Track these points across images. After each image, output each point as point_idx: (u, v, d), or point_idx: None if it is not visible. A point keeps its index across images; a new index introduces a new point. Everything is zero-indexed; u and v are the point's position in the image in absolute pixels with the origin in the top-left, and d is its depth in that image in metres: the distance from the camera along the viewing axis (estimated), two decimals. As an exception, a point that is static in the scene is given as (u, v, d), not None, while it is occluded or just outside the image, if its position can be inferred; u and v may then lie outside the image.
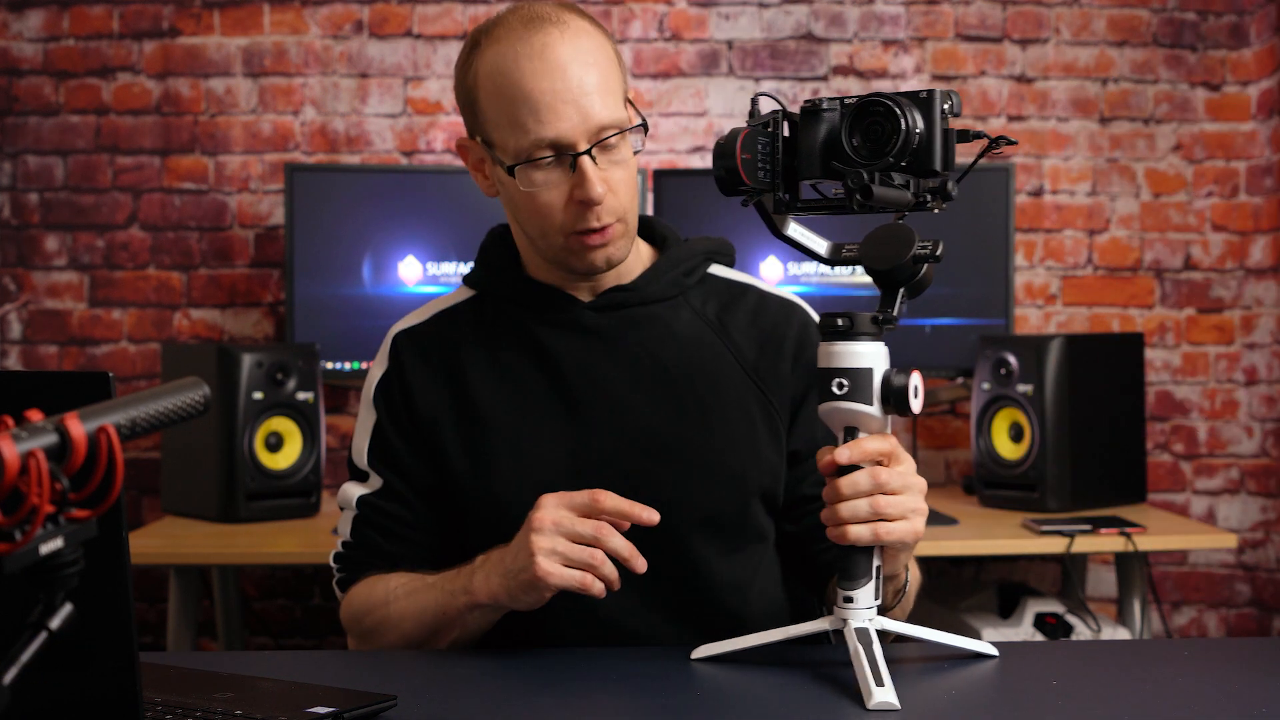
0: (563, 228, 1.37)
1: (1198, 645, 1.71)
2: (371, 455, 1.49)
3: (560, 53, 1.33)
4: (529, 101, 1.33)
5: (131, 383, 3.04)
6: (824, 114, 1.21)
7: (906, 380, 1.18)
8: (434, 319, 1.51)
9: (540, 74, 1.33)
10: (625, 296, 1.46)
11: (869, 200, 1.15)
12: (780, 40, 3.10)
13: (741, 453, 1.42)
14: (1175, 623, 3.15)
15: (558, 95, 1.32)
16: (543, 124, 1.33)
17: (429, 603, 1.36)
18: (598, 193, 1.34)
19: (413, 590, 1.39)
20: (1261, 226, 3.10)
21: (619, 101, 1.37)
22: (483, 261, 1.53)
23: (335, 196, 2.80)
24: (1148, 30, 3.13)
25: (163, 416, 0.82)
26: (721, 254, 1.55)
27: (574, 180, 1.34)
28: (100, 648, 0.93)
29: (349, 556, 1.50)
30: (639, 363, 1.43)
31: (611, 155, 1.36)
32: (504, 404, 1.43)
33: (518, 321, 1.46)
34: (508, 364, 1.45)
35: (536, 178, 1.36)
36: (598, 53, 1.36)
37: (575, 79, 1.33)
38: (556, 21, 1.36)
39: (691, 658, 1.26)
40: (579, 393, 1.42)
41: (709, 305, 1.49)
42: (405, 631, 1.39)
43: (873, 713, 1.09)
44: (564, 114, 1.32)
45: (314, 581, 3.06)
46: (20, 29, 3.03)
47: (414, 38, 3.06)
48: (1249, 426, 3.13)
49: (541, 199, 1.36)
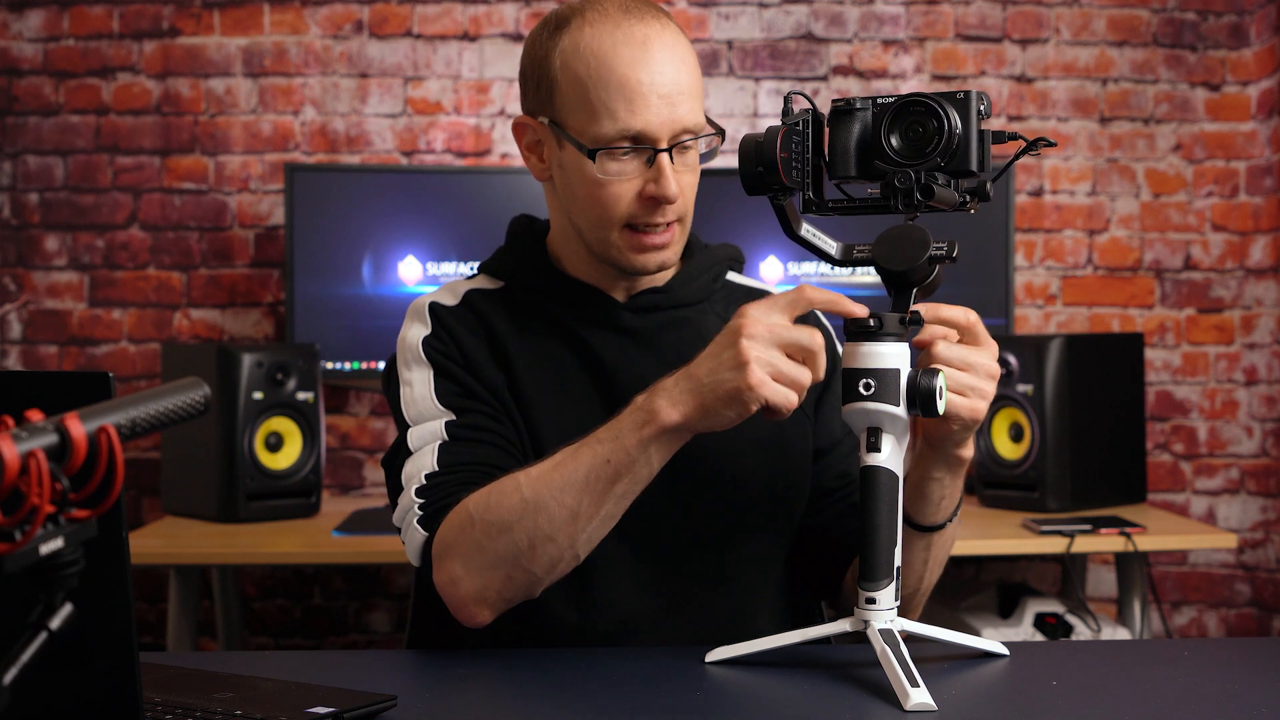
0: (624, 219, 1.37)
1: (1198, 645, 1.71)
2: (441, 397, 1.39)
3: (660, 47, 1.34)
4: (624, 89, 1.33)
5: (131, 383, 3.04)
6: (856, 113, 1.21)
7: (934, 382, 1.18)
8: (466, 299, 1.47)
9: (640, 64, 1.33)
10: (660, 299, 1.46)
11: (929, 199, 1.15)
12: (780, 40, 3.10)
13: (769, 454, 1.43)
14: (1175, 623, 3.15)
15: (654, 89, 1.33)
16: (634, 114, 1.33)
17: (583, 465, 1.23)
18: (673, 190, 1.34)
19: (552, 466, 1.25)
20: (1261, 226, 3.10)
21: (701, 108, 1.38)
22: (512, 251, 1.51)
23: (335, 196, 2.80)
24: (1148, 30, 3.13)
25: (163, 416, 0.82)
26: (737, 261, 1.57)
27: (650, 175, 1.35)
28: (100, 648, 0.93)
29: (438, 484, 1.33)
30: (672, 364, 1.43)
31: (685, 158, 1.38)
32: (548, 384, 1.42)
33: (553, 315, 1.45)
34: (548, 351, 1.43)
35: (612, 166, 1.35)
36: (690, 57, 1.38)
37: (671, 76, 1.33)
38: (656, 17, 1.36)
39: (706, 660, 1.25)
40: (617, 387, 1.41)
41: (731, 310, 1.50)
42: (553, 513, 1.24)
43: (909, 714, 1.08)
44: (656, 108, 1.33)
45: (314, 581, 3.06)
46: (20, 29, 3.03)
47: (414, 38, 3.06)
48: (1249, 426, 3.13)
49: (612, 189, 1.36)
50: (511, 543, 1.25)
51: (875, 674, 1.16)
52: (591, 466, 1.23)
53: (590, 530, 1.26)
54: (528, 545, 1.25)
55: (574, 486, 1.23)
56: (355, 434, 3.05)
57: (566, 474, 1.24)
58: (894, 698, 1.11)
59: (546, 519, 1.24)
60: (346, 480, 3.05)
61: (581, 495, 1.23)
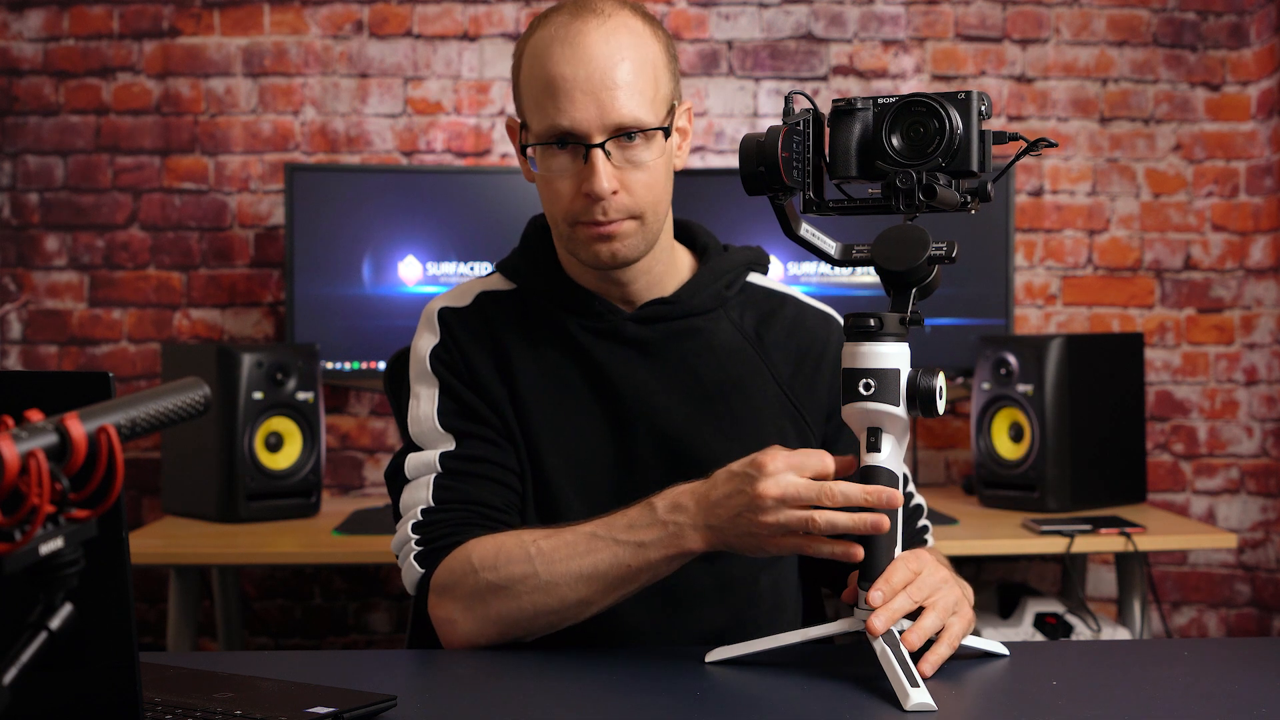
0: (568, 216, 1.37)
1: (1198, 645, 1.71)
2: (443, 418, 1.41)
3: (591, 42, 1.33)
4: (550, 86, 1.33)
5: (131, 383, 3.04)
6: (857, 113, 1.20)
7: (934, 382, 1.18)
8: (476, 302, 1.48)
9: (565, 60, 1.33)
10: (666, 309, 1.45)
11: (930, 200, 1.15)
12: (780, 40, 3.10)
13: None
14: (1175, 623, 3.15)
15: (577, 84, 1.32)
16: (560, 111, 1.33)
17: (603, 563, 1.27)
18: (602, 187, 1.33)
19: (569, 550, 1.29)
20: (1261, 226, 3.10)
21: (648, 102, 1.35)
22: (523, 255, 1.51)
23: (335, 196, 2.80)
24: (1148, 30, 3.13)
25: (163, 416, 0.82)
26: (759, 263, 1.55)
27: (585, 172, 1.34)
28: (100, 648, 0.93)
29: (434, 521, 1.37)
30: (678, 376, 1.44)
31: (630, 154, 1.35)
32: (549, 397, 1.42)
33: (559, 323, 1.45)
34: (552, 361, 1.44)
35: (551, 163, 1.36)
36: (635, 50, 1.35)
37: (600, 71, 1.32)
38: (600, 13, 1.35)
39: (706, 660, 1.25)
40: (621, 400, 1.42)
41: (747, 317, 1.49)
42: (565, 596, 1.28)
43: (909, 714, 1.08)
44: (580, 104, 1.32)
45: (314, 581, 3.06)
46: (20, 29, 3.03)
47: (414, 38, 3.06)
48: (1249, 426, 3.13)
49: (554, 185, 1.37)
50: (517, 607, 1.30)
51: (875, 674, 1.16)
52: (612, 566, 1.27)
53: (596, 613, 1.31)
54: (532, 614, 1.30)
55: (589, 580, 1.28)
56: (355, 434, 3.05)
57: (584, 566, 1.28)
58: (894, 698, 1.11)
59: (558, 600, 1.29)
60: (346, 480, 3.05)
61: (595, 589, 1.28)
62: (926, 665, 1.17)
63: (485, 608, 1.31)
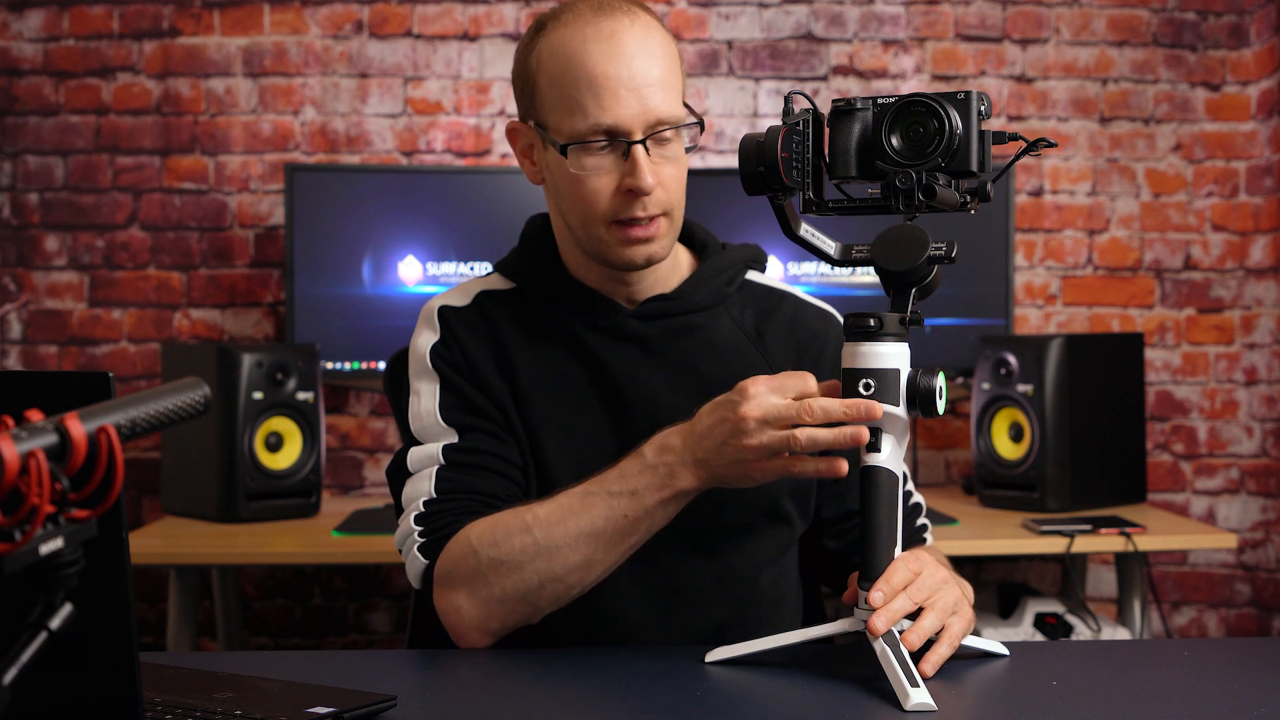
0: (607, 215, 1.37)
1: (1198, 645, 1.71)
2: (445, 412, 1.42)
3: (628, 40, 1.34)
4: (592, 85, 1.33)
5: (131, 383, 3.04)
6: (856, 113, 1.21)
7: (934, 382, 1.18)
8: (476, 301, 1.48)
9: (607, 58, 1.33)
10: (667, 305, 1.46)
11: (930, 200, 1.15)
12: (780, 40, 3.10)
13: None
14: (1175, 623, 3.15)
15: (621, 82, 1.33)
16: (603, 108, 1.33)
17: (599, 517, 1.28)
18: (649, 182, 1.34)
19: (564, 511, 1.29)
20: (1261, 226, 3.10)
21: (678, 99, 1.38)
22: (523, 254, 1.51)
23: (335, 196, 2.80)
24: (1148, 30, 3.13)
25: (163, 416, 0.82)
26: (757, 261, 1.56)
27: (625, 168, 1.35)
28: (100, 648, 0.93)
29: (436, 511, 1.37)
30: (678, 372, 1.44)
31: (664, 150, 1.37)
32: (551, 393, 1.43)
33: (559, 320, 1.46)
34: (553, 357, 1.44)
35: (588, 162, 1.36)
36: (663, 48, 1.37)
37: (640, 69, 1.34)
38: (627, 12, 1.37)
39: (706, 660, 1.25)
40: (622, 396, 1.42)
41: (747, 314, 1.50)
42: (567, 559, 1.29)
43: (909, 714, 1.08)
44: (625, 101, 1.33)
45: (314, 581, 3.06)
46: (20, 29, 3.03)
47: (414, 38, 3.06)
48: (1249, 426, 3.13)
49: (590, 184, 1.36)
50: (520, 581, 1.30)
51: (875, 674, 1.16)
52: (609, 519, 1.27)
53: (600, 573, 1.31)
54: (537, 585, 1.30)
55: (589, 537, 1.28)
56: (355, 434, 3.05)
57: (582, 524, 1.28)
58: (894, 698, 1.11)
59: (561, 564, 1.29)
60: (346, 480, 3.05)
61: (596, 546, 1.28)
62: (927, 665, 1.17)
63: (489, 588, 1.31)
